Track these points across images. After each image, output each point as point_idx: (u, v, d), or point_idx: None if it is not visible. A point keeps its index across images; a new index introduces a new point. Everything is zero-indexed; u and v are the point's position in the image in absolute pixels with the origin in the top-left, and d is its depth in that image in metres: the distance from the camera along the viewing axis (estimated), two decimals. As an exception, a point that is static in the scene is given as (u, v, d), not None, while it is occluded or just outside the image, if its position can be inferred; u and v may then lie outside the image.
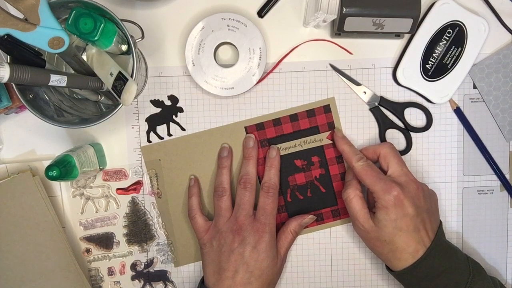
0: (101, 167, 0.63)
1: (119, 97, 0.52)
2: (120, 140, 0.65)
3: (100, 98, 0.61)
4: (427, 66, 0.63)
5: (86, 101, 0.62)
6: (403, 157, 0.65)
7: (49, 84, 0.49)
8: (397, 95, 0.65)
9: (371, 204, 0.60)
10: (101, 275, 0.66)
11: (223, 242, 0.59)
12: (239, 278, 0.57)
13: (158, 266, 0.66)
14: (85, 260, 0.66)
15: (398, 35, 0.63)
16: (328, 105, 0.65)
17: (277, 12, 0.64)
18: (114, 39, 0.53)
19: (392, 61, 0.65)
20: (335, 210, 0.65)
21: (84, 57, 0.58)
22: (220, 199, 0.61)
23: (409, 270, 0.56)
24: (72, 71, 0.57)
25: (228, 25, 0.60)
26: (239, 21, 0.60)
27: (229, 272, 0.58)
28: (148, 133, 0.65)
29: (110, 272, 0.66)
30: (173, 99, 0.64)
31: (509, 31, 0.63)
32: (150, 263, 0.66)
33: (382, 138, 0.65)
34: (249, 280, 0.57)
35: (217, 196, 0.61)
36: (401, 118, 0.65)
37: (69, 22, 0.50)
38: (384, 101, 0.64)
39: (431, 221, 0.57)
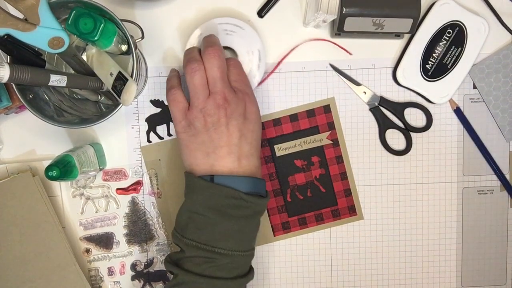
0: (101, 167, 0.63)
1: (119, 97, 0.52)
2: (120, 140, 0.65)
3: (100, 98, 0.61)
4: (427, 66, 0.63)
5: (86, 101, 0.62)
6: (403, 157, 0.65)
7: (49, 84, 0.49)
8: (397, 95, 0.65)
9: None
10: (101, 275, 0.66)
11: (210, 120, 0.53)
12: (241, 152, 0.54)
13: (158, 266, 0.66)
14: (85, 260, 0.66)
15: (398, 35, 0.63)
16: (328, 105, 0.65)
17: (277, 12, 0.64)
18: (114, 39, 0.53)
19: (392, 61, 0.65)
20: (335, 210, 0.65)
21: (84, 57, 0.58)
22: (194, 75, 0.53)
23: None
24: (72, 71, 0.57)
25: (225, 30, 0.60)
26: (235, 25, 0.60)
27: (225, 148, 0.54)
28: (148, 133, 0.65)
29: (110, 272, 0.66)
30: (173, 99, 0.64)
31: (509, 31, 0.63)
32: (150, 263, 0.66)
33: (382, 138, 0.65)
34: (250, 151, 0.55)
35: (191, 71, 0.53)
36: (401, 118, 0.65)
37: (69, 22, 0.50)
38: (384, 101, 0.64)
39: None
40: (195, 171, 0.56)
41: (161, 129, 0.65)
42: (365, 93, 0.64)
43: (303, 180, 0.65)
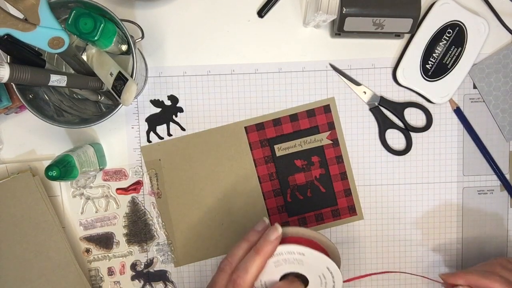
0: (101, 167, 0.63)
1: (119, 97, 0.52)
2: (120, 140, 0.65)
3: (100, 98, 0.61)
4: (427, 66, 0.63)
5: (86, 101, 0.62)
6: (402, 157, 0.65)
7: (49, 84, 0.49)
8: (397, 95, 0.65)
9: None
10: (101, 275, 0.66)
11: None
12: None
13: (158, 266, 0.66)
14: (85, 260, 0.66)
15: (398, 35, 0.63)
16: (328, 105, 0.65)
17: (277, 12, 0.64)
18: (114, 39, 0.53)
19: (392, 61, 0.65)
20: (335, 210, 0.66)
21: (84, 57, 0.58)
22: (219, 274, 0.51)
23: None
24: (72, 71, 0.57)
25: (285, 260, 0.52)
26: (298, 252, 0.51)
27: None
28: (148, 133, 0.65)
29: (110, 272, 0.66)
30: (173, 99, 0.64)
31: (509, 31, 0.63)
32: (150, 263, 0.66)
33: (382, 138, 0.65)
34: None
35: (219, 269, 0.51)
36: (401, 118, 0.65)
37: (69, 22, 0.50)
38: (384, 101, 0.64)
39: None
40: None
41: (161, 129, 0.65)
42: (365, 93, 0.64)
43: (303, 180, 0.65)
